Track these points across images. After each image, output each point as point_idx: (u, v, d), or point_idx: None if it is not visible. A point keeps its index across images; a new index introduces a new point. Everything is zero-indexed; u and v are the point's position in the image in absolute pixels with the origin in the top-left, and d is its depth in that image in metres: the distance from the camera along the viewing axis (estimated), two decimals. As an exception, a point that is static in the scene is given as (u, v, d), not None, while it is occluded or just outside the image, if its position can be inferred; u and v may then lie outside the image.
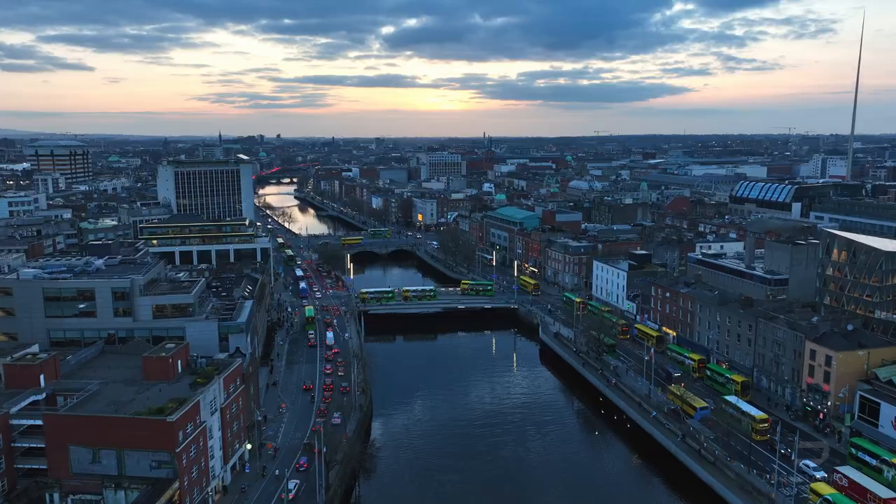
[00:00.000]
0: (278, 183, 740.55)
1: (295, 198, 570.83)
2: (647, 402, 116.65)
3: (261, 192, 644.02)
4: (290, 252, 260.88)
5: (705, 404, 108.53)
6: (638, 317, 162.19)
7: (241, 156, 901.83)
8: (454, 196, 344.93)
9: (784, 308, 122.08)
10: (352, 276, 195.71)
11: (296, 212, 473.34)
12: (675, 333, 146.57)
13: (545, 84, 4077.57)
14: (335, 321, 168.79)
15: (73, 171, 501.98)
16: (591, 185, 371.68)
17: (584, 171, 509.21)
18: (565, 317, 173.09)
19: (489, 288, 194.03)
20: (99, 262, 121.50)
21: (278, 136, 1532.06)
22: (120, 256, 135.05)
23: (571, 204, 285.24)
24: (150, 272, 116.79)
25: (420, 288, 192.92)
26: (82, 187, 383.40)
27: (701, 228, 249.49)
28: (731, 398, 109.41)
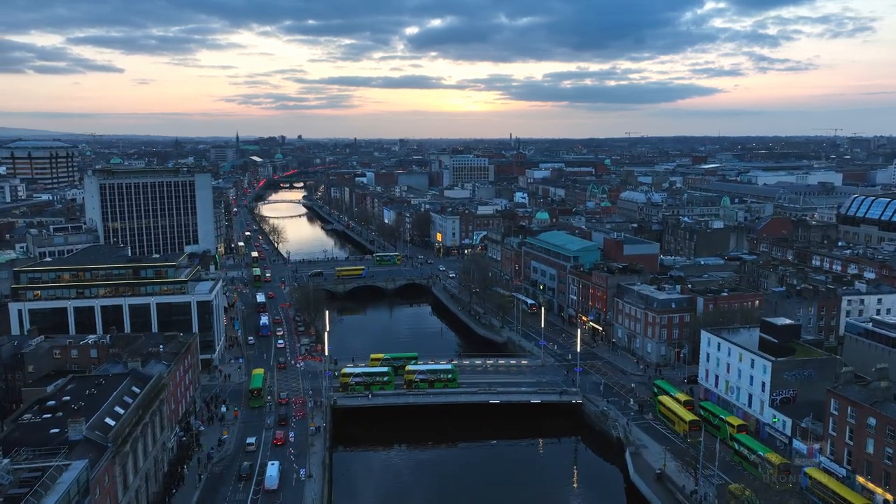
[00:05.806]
0: (291, 188, 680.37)
1: (304, 206, 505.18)
2: None
3: (271, 197, 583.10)
4: (256, 271, 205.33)
5: None
6: (798, 442, 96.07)
7: (255, 157, 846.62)
8: (481, 210, 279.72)
9: None
10: (327, 344, 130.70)
11: (300, 224, 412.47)
12: (891, 498, 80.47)
13: (571, 85, 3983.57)
14: (292, 433, 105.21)
15: (55, 174, 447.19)
16: (648, 198, 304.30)
17: (632, 179, 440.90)
18: (669, 432, 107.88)
19: (451, 377, 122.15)
20: None
21: (299, 136, 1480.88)
22: None
23: (635, 225, 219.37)
24: None
25: (431, 367, 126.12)
26: (44, 196, 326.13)
27: (816, 262, 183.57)
28: None
